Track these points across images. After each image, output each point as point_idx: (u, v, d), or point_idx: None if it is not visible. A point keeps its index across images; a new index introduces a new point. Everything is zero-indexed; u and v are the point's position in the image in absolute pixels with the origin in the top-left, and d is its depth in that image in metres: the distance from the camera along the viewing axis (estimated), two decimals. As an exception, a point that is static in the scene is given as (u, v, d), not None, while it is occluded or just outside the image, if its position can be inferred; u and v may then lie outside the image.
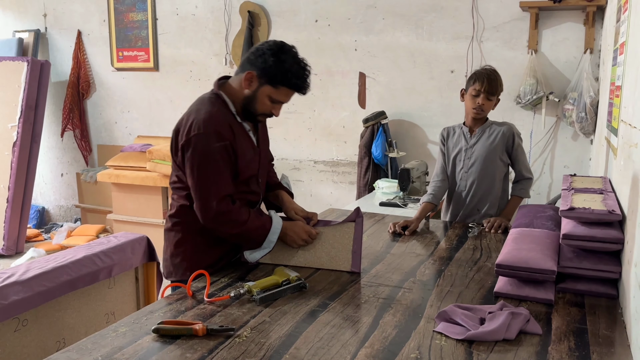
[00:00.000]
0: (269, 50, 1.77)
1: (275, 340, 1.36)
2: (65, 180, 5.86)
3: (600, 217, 1.64)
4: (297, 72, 1.78)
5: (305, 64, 1.81)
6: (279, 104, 1.85)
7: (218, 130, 1.75)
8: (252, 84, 1.80)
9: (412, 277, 1.84)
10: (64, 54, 5.58)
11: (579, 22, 3.78)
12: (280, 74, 1.76)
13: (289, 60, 1.77)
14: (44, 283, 2.11)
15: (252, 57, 1.80)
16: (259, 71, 1.78)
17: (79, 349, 1.32)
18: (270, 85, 1.79)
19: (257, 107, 1.83)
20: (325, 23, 4.53)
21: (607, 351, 1.31)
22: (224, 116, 1.80)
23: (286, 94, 1.82)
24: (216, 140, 1.75)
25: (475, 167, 2.62)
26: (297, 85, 1.80)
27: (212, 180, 1.75)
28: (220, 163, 1.76)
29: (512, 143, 2.59)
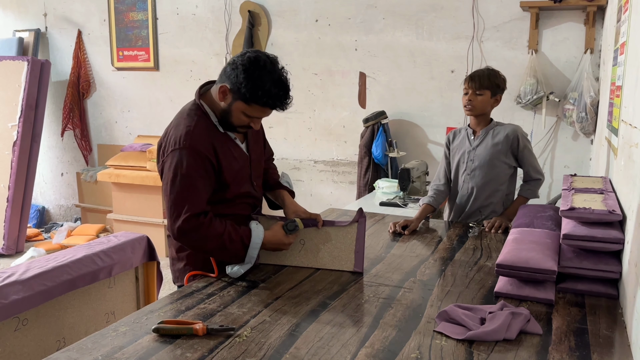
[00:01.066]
0: (241, 65, 1.69)
1: (275, 339, 1.36)
2: (65, 179, 5.87)
3: (601, 217, 1.64)
4: (268, 90, 1.68)
5: (283, 79, 1.71)
6: (256, 119, 1.78)
7: (194, 145, 1.71)
8: (226, 98, 1.74)
9: (413, 277, 1.84)
10: (64, 53, 5.58)
11: (579, 22, 3.78)
12: (250, 92, 1.68)
13: (263, 76, 1.67)
14: (44, 282, 2.11)
15: (228, 70, 1.73)
16: (232, 86, 1.71)
17: (79, 349, 1.32)
18: (242, 102, 1.71)
19: (233, 121, 1.77)
20: (325, 23, 4.53)
21: (607, 351, 1.31)
22: (204, 130, 1.75)
23: (260, 110, 1.74)
24: (192, 155, 1.70)
25: (477, 170, 2.60)
26: (270, 104, 1.71)
27: (181, 197, 1.70)
28: (194, 179, 1.71)
29: (517, 145, 2.56)
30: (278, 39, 4.70)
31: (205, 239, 1.72)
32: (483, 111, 2.56)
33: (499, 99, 2.58)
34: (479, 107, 2.53)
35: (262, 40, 4.75)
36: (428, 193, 2.71)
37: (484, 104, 2.53)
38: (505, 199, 2.64)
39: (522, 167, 2.61)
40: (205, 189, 1.74)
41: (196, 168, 1.71)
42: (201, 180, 1.72)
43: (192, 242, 1.74)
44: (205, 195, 1.75)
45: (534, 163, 2.60)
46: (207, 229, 1.71)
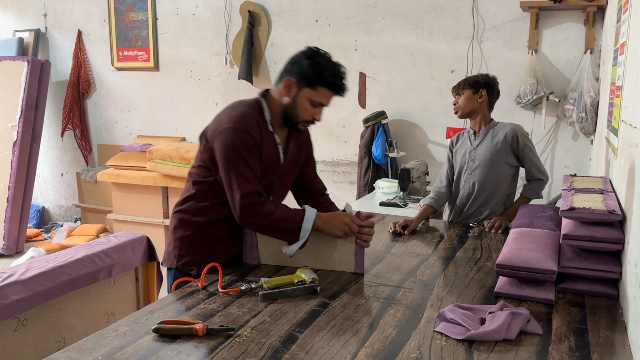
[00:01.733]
0: (303, 55, 1.85)
1: (275, 340, 1.36)
2: (65, 179, 5.87)
3: (601, 217, 1.64)
4: (332, 71, 1.83)
5: (340, 65, 1.87)
6: (319, 107, 1.88)
7: (247, 128, 1.79)
8: (291, 90, 1.85)
9: (413, 277, 1.84)
10: (64, 53, 5.58)
11: (579, 22, 3.78)
12: (317, 75, 1.81)
13: (323, 62, 1.83)
14: (44, 283, 2.11)
15: (289, 66, 1.87)
16: (297, 76, 1.83)
17: (79, 349, 1.32)
18: (309, 88, 1.83)
19: (299, 112, 1.86)
20: (325, 23, 4.53)
21: (607, 351, 1.31)
22: (256, 119, 1.84)
23: (325, 95, 1.85)
24: (244, 136, 1.78)
25: (478, 170, 2.61)
26: (335, 84, 1.84)
27: (237, 174, 1.77)
28: (247, 158, 1.78)
29: (517, 144, 2.56)
30: (278, 39, 4.70)
31: (260, 216, 1.78)
32: (469, 109, 2.61)
33: (483, 94, 2.60)
34: (462, 105, 2.60)
35: (262, 41, 4.75)
36: (429, 194, 2.71)
37: (465, 102, 2.60)
38: (506, 199, 2.64)
39: (524, 166, 2.61)
40: (256, 169, 1.82)
41: (248, 148, 1.79)
42: (252, 159, 1.80)
43: (248, 218, 1.79)
44: (257, 173, 1.81)
45: (536, 162, 2.60)
46: (261, 206, 1.77)
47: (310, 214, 1.82)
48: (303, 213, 1.83)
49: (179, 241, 1.95)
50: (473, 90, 2.60)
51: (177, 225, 1.97)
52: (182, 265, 1.94)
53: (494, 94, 2.65)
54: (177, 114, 5.23)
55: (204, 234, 1.93)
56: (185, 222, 1.95)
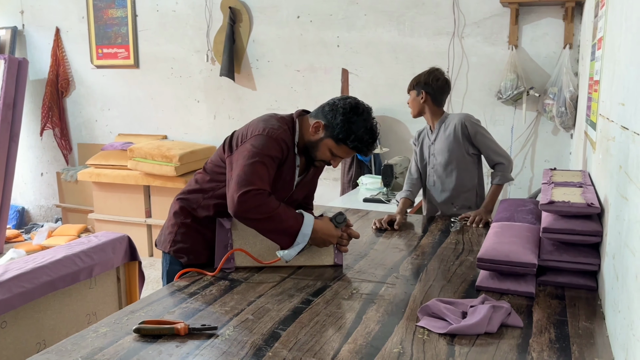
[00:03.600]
0: (342, 108, 1.85)
1: (258, 338, 1.36)
2: (45, 179, 5.78)
3: (580, 210, 1.66)
4: (361, 136, 1.84)
5: (375, 129, 1.89)
6: (338, 158, 1.92)
7: (278, 142, 1.82)
8: (318, 133, 1.88)
9: (395, 272, 1.84)
10: (42, 51, 5.49)
11: (558, 18, 3.82)
12: (344, 134, 1.84)
13: (358, 122, 1.84)
14: (23, 284, 2.07)
15: (327, 108, 1.89)
16: (327, 123, 1.86)
17: (59, 350, 1.30)
18: (332, 140, 1.86)
19: (317, 154, 1.91)
20: (307, 19, 4.51)
21: (586, 342, 1.33)
22: (287, 136, 1.87)
23: (346, 152, 1.89)
24: (273, 145, 1.81)
25: (439, 163, 2.68)
26: (358, 148, 1.87)
27: (255, 170, 1.76)
28: (267, 163, 1.79)
29: (467, 132, 2.60)
30: (259, 36, 4.68)
31: (260, 210, 1.74)
32: (417, 110, 2.70)
33: (424, 95, 2.66)
34: (411, 107, 2.72)
35: (244, 37, 4.72)
36: (404, 187, 2.76)
37: (412, 103, 2.70)
38: (477, 188, 2.69)
39: (482, 153, 2.65)
40: (271, 176, 1.82)
41: (272, 156, 1.80)
42: (273, 167, 1.82)
43: (248, 210, 1.75)
44: (271, 180, 1.82)
45: (492, 147, 2.62)
46: (263, 199, 1.75)
47: (309, 219, 1.83)
48: (302, 218, 1.82)
49: (177, 227, 1.98)
50: (416, 91, 2.68)
51: (177, 211, 1.99)
52: (174, 252, 1.96)
53: (436, 91, 2.66)
54: (158, 111, 5.18)
55: (201, 227, 1.95)
56: (186, 211, 1.97)
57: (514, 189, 4.12)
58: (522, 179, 4.10)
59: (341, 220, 1.88)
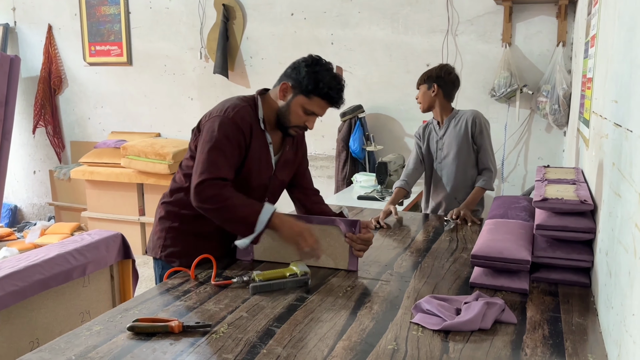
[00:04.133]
0: (303, 62, 1.84)
1: (252, 335, 1.35)
2: (38, 177, 5.75)
3: (573, 207, 1.67)
4: (329, 83, 1.81)
5: (339, 77, 1.86)
6: (312, 116, 1.87)
7: (235, 119, 1.79)
8: (287, 94, 1.85)
9: (390, 269, 1.85)
10: (35, 48, 5.46)
11: (551, 16, 3.83)
12: (312, 84, 1.80)
13: (322, 72, 1.82)
14: (15, 283, 2.06)
15: (288, 70, 1.87)
16: (293, 82, 1.83)
17: (52, 349, 1.29)
18: (303, 95, 1.82)
19: (291, 118, 1.86)
20: (301, 16, 4.51)
21: (579, 338, 1.34)
22: (248, 114, 1.84)
23: (319, 105, 1.84)
24: (230, 126, 1.78)
25: (447, 158, 2.69)
26: (330, 96, 1.83)
27: (211, 158, 1.75)
28: (225, 147, 1.77)
29: (475, 128, 2.63)
30: (253, 33, 4.67)
31: (215, 199, 1.73)
32: (427, 104, 2.69)
33: (435, 88, 2.66)
34: (421, 100, 2.70)
35: (238, 34, 4.71)
36: (401, 178, 2.78)
37: (422, 97, 2.70)
38: (471, 185, 2.72)
39: (479, 152, 2.67)
40: (232, 159, 1.79)
41: (230, 138, 1.77)
42: (231, 150, 1.78)
43: (203, 201, 1.74)
44: (232, 165, 1.79)
45: (488, 151, 2.66)
46: (219, 189, 1.73)
47: (269, 208, 1.76)
48: (261, 207, 1.76)
49: (165, 232, 1.95)
50: (427, 85, 2.68)
51: (163, 216, 1.97)
52: (166, 257, 1.94)
53: (448, 85, 2.68)
54: (152, 109, 5.16)
55: (190, 227, 1.92)
56: (172, 214, 1.94)
57: (507, 186, 4.13)
58: (516, 176, 4.12)
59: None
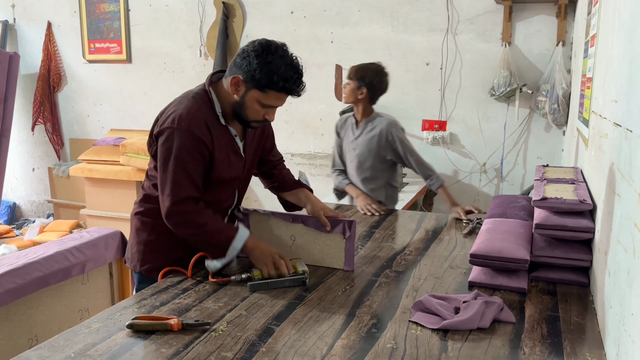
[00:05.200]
0: (253, 52, 1.64)
1: (251, 333, 1.35)
2: (36, 175, 5.74)
3: (572, 207, 1.67)
4: (284, 73, 1.63)
5: (296, 63, 1.68)
6: (271, 109, 1.72)
7: (192, 129, 1.65)
8: (239, 89, 1.68)
9: (389, 268, 1.85)
10: (34, 45, 5.45)
11: (551, 15, 3.83)
12: (266, 78, 1.62)
13: (276, 61, 1.63)
14: (14, 280, 2.06)
15: (238, 60, 1.67)
16: (245, 75, 1.65)
17: (51, 346, 1.29)
18: (257, 90, 1.65)
19: (248, 113, 1.70)
20: (300, 15, 4.50)
21: (578, 338, 1.34)
22: (204, 115, 1.69)
23: (277, 97, 1.68)
24: (187, 137, 1.65)
25: (356, 159, 2.75)
26: (286, 88, 1.66)
27: (174, 179, 1.65)
28: (186, 162, 1.65)
29: (393, 141, 2.67)
30: (253, 31, 4.66)
31: (190, 226, 1.68)
32: (351, 99, 2.73)
33: (364, 92, 2.68)
34: (346, 94, 2.72)
35: (237, 32, 4.70)
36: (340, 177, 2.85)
37: (348, 92, 2.71)
38: (388, 188, 2.79)
39: (409, 164, 2.68)
40: (196, 173, 1.69)
41: (190, 150, 1.65)
42: (193, 164, 1.67)
43: (176, 226, 1.70)
44: (196, 180, 1.69)
45: (419, 158, 2.67)
46: (192, 215, 1.67)
47: (243, 234, 1.72)
48: (236, 231, 1.71)
49: (142, 245, 1.85)
50: (358, 84, 2.68)
51: (139, 228, 1.86)
52: (146, 272, 1.84)
53: (377, 92, 2.72)
54: (151, 106, 5.15)
55: (167, 238, 1.79)
56: (148, 225, 1.84)
57: (506, 185, 4.14)
58: (515, 175, 4.12)
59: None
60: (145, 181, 1.87)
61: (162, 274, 1.77)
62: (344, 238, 1.83)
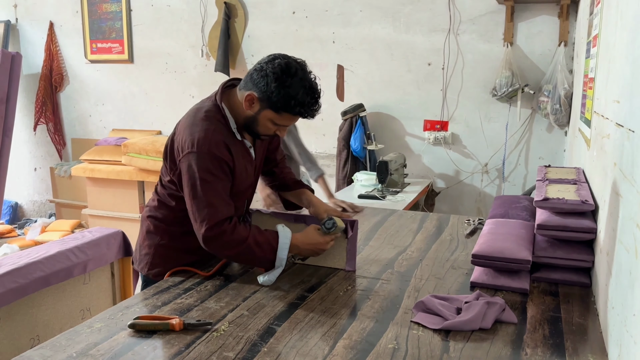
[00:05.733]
0: (272, 74, 1.62)
1: (253, 333, 1.36)
2: (38, 174, 5.75)
3: (574, 207, 1.67)
4: (301, 99, 1.62)
5: (314, 86, 1.66)
6: (283, 127, 1.73)
7: (212, 150, 1.63)
8: (254, 106, 1.67)
9: (390, 268, 1.85)
10: (36, 45, 5.46)
11: (553, 15, 3.83)
12: (283, 101, 1.62)
13: (294, 85, 1.61)
14: (16, 279, 2.07)
15: (255, 77, 1.65)
16: (261, 94, 1.64)
17: (53, 346, 1.29)
18: (272, 111, 1.65)
19: (259, 129, 1.71)
20: (302, 15, 4.50)
21: (580, 338, 1.34)
22: (222, 136, 1.67)
23: (290, 119, 1.68)
24: (210, 159, 1.63)
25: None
26: (302, 113, 1.65)
27: (206, 203, 1.63)
28: (214, 184, 1.64)
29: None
30: (255, 31, 4.67)
31: (229, 246, 1.64)
32: None
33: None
34: None
35: (239, 32, 4.71)
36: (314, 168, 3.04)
37: None
38: None
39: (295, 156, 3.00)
40: (225, 192, 1.67)
41: (215, 172, 1.64)
42: (221, 184, 1.65)
43: (217, 249, 1.67)
44: (226, 199, 1.67)
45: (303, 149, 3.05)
46: (230, 235, 1.63)
47: (284, 239, 1.69)
48: (277, 240, 1.68)
49: (153, 249, 1.84)
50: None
51: (151, 231, 1.85)
52: (154, 275, 1.83)
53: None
54: (153, 106, 5.16)
55: (179, 244, 1.81)
56: (160, 230, 1.83)
57: (508, 185, 4.14)
58: (516, 176, 4.11)
59: (330, 226, 1.75)
60: (160, 188, 1.85)
61: (170, 274, 1.76)
62: (345, 238, 1.83)
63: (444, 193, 4.28)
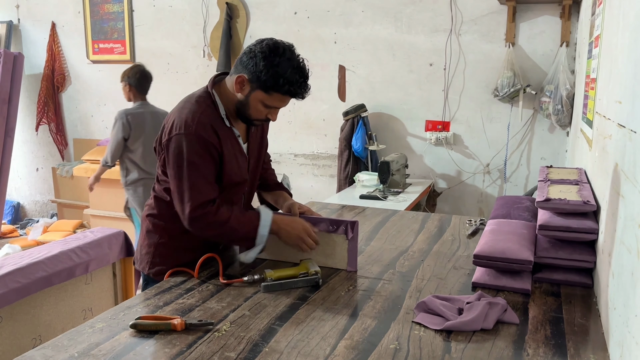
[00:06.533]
0: (260, 53, 1.65)
1: (254, 333, 1.36)
2: (40, 174, 5.76)
3: (576, 208, 1.67)
4: (290, 77, 1.64)
5: (302, 66, 1.68)
6: (274, 109, 1.73)
7: (199, 132, 1.65)
8: (244, 88, 1.69)
9: (392, 268, 1.85)
10: (38, 46, 5.47)
11: (555, 16, 3.83)
12: (272, 80, 1.63)
13: (282, 64, 1.63)
14: (18, 279, 2.07)
15: (245, 59, 1.68)
16: (250, 75, 1.66)
17: (55, 346, 1.30)
18: (262, 91, 1.67)
19: (251, 112, 1.72)
20: (304, 15, 4.51)
21: (582, 339, 1.34)
22: (210, 118, 1.69)
23: (280, 99, 1.69)
24: (197, 141, 1.65)
25: None
26: (291, 92, 1.67)
27: (190, 184, 1.65)
28: (199, 166, 1.66)
29: None
30: (256, 32, 4.67)
31: (213, 227, 1.68)
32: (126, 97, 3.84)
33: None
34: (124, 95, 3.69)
35: (241, 33, 4.71)
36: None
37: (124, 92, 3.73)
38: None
39: None
40: (210, 175, 1.70)
41: (201, 154, 1.66)
42: (206, 166, 1.68)
43: (200, 230, 1.70)
44: (211, 182, 1.70)
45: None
46: (213, 216, 1.66)
47: (266, 218, 1.73)
48: (258, 218, 1.73)
49: (153, 247, 1.85)
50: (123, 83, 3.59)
51: (151, 230, 1.86)
52: (154, 274, 1.83)
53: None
54: (155, 107, 5.16)
55: (178, 242, 1.82)
56: (159, 228, 1.84)
57: (510, 186, 4.13)
58: (518, 176, 4.11)
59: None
60: (156, 184, 1.87)
61: (169, 274, 1.77)
62: (346, 239, 1.83)
63: (446, 193, 4.28)
